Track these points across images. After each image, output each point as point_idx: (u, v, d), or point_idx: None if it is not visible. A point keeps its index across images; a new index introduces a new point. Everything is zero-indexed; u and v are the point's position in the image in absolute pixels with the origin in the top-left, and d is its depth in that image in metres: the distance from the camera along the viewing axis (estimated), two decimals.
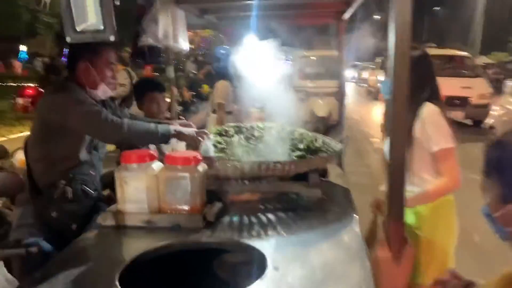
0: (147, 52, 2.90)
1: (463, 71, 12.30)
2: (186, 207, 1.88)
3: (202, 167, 1.94)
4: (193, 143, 2.27)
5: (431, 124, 2.15)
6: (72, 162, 2.26)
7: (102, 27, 1.21)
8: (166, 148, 2.67)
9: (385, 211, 1.14)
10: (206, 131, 2.41)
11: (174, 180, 1.86)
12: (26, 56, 27.75)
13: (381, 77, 15.99)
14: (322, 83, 10.26)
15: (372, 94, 18.75)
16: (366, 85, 22.13)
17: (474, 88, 10.97)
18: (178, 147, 2.45)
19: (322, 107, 9.92)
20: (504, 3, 32.43)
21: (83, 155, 2.29)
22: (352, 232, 1.77)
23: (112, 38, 1.25)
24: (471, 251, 3.88)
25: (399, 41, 0.89)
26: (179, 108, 6.48)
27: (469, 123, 11.42)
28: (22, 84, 14.79)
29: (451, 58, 12.76)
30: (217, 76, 4.86)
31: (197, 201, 1.90)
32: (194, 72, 10.03)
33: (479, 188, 1.13)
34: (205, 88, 8.08)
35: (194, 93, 8.29)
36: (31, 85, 11.87)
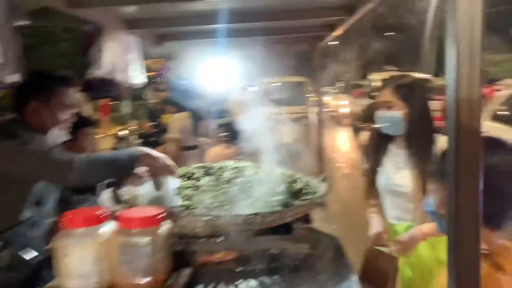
0: (96, 86, 2.50)
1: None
2: (146, 280, 1.49)
3: (166, 226, 1.57)
4: (167, 170, 1.91)
5: None
6: (11, 221, 1.84)
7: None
8: (126, 193, 2.25)
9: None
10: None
11: (130, 247, 1.48)
12: None
13: (344, 101, 16.01)
14: (287, 109, 10.08)
15: (335, 119, 18.70)
16: (327, 110, 22.12)
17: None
18: (139, 190, 2.04)
19: (288, 134, 9.72)
20: None
21: (26, 212, 1.89)
22: None
23: (14, 78, 0.88)
24: None
25: (467, 72, 0.58)
26: (138, 141, 6.04)
27: None
28: None
29: None
30: (176, 108, 4.37)
31: (160, 271, 1.52)
32: (154, 101, 9.60)
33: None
34: (164, 118, 7.65)
35: (154, 124, 7.87)
36: None
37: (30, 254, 1.87)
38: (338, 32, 2.25)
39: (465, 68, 0.56)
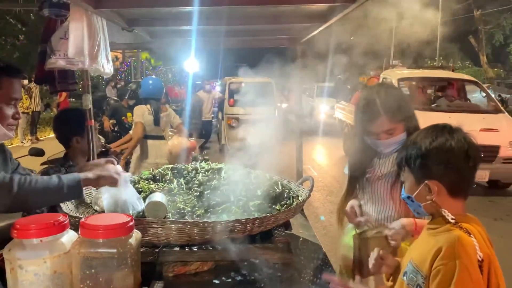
0: (57, 77, 2.27)
1: (471, 102, 8.70)
2: None
3: (135, 235, 1.39)
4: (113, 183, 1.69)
5: None
6: None
7: None
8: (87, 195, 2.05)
9: None
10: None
11: (95, 260, 1.29)
12: None
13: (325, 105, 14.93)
14: (253, 110, 9.95)
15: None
16: None
17: (502, 131, 6.76)
18: (99, 202, 1.85)
19: (254, 135, 9.59)
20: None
21: None
22: None
23: None
24: None
25: None
26: (102, 139, 5.75)
27: (484, 183, 7.05)
28: None
29: (450, 83, 8.57)
30: (140, 102, 4.89)
31: (129, 285, 1.34)
32: (116, 98, 9.25)
33: None
34: (129, 115, 7.46)
35: (114, 122, 7.57)
36: None
37: None
38: (334, 20, 2.07)
39: None
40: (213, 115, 11.31)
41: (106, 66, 2.14)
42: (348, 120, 10.18)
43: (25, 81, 12.52)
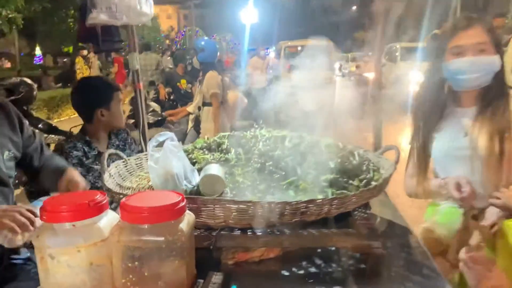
0: (100, 34, 2.07)
1: None
2: None
3: (187, 219, 1.12)
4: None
5: None
6: None
7: None
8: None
9: None
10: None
11: (138, 250, 1.03)
12: None
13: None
14: (309, 75, 9.52)
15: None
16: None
17: None
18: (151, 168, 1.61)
19: (310, 101, 9.20)
20: None
21: None
22: None
23: None
24: None
25: None
26: (158, 108, 5.68)
27: None
28: None
29: None
30: (205, 68, 4.72)
31: (180, 279, 1.09)
32: (171, 66, 9.24)
33: None
34: (183, 82, 7.43)
35: (170, 90, 7.53)
36: None
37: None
38: None
39: None
40: (267, 82, 10.99)
41: (144, 5, 1.86)
42: None
43: (84, 51, 12.78)
